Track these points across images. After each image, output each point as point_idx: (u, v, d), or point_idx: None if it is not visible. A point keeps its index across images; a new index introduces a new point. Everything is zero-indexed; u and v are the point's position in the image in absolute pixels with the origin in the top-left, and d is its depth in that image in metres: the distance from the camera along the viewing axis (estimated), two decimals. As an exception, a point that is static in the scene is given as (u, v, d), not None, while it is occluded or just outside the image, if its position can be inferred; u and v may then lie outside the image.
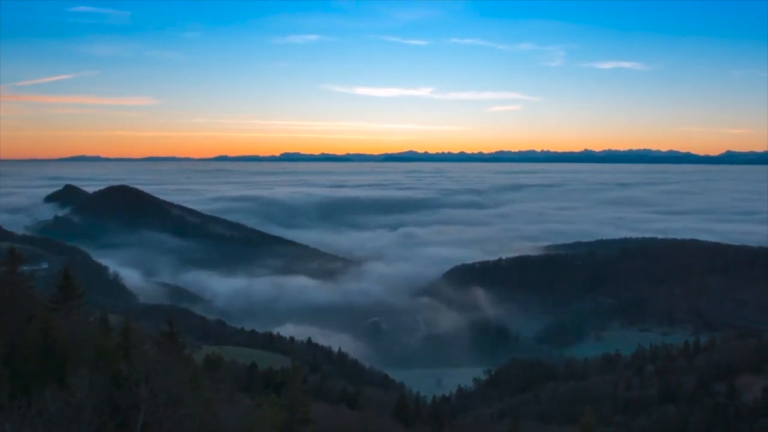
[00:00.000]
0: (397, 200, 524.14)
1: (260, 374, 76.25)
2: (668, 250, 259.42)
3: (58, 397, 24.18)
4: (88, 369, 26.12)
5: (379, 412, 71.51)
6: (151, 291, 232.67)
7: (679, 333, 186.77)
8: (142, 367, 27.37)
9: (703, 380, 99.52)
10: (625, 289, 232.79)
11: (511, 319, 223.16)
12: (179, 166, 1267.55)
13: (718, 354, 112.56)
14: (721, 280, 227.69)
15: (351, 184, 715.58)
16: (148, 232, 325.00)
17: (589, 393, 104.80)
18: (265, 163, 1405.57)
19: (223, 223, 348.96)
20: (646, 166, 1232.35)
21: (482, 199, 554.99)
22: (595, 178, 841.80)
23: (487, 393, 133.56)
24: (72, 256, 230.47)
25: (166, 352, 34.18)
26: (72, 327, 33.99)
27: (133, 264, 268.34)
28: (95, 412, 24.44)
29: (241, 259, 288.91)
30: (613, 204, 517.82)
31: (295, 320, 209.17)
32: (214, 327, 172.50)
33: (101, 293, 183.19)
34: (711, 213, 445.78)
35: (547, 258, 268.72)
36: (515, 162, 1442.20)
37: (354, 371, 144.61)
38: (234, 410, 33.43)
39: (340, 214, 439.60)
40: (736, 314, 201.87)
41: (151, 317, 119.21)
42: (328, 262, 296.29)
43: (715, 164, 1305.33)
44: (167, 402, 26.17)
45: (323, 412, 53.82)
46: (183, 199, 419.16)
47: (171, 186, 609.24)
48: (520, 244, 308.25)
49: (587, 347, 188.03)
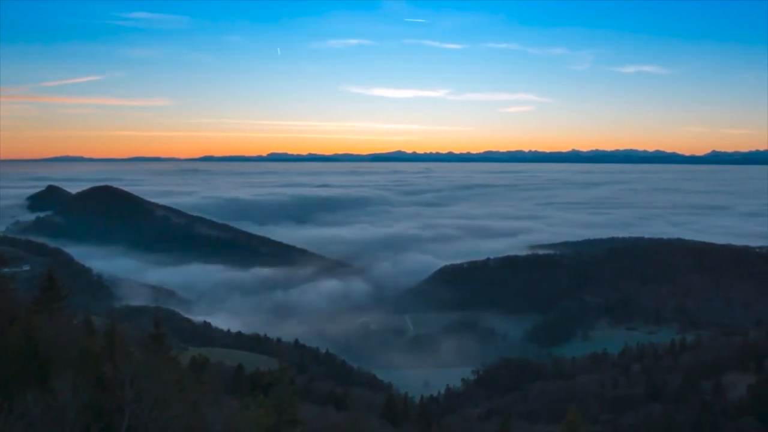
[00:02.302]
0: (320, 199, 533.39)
1: (247, 376, 75.59)
2: (654, 250, 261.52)
3: (41, 400, 23.59)
4: (72, 372, 25.63)
5: (367, 413, 71.19)
6: (136, 292, 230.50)
7: (666, 332, 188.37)
8: (126, 369, 26.84)
9: (689, 378, 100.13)
10: (611, 289, 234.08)
11: (499, 319, 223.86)
12: (164, 166, 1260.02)
13: (704, 352, 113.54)
14: (706, 279, 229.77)
15: (303, 183, 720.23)
16: (132, 232, 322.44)
17: (577, 392, 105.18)
18: (251, 163, 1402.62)
19: (209, 224, 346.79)
20: (627, 166, 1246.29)
21: (432, 198, 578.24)
22: (557, 176, 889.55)
23: (475, 393, 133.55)
24: (55, 257, 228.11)
25: (152, 354, 33.67)
26: (55, 329, 33.41)
27: (117, 265, 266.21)
28: (79, 416, 23.92)
29: (228, 260, 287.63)
30: (532, 202, 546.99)
31: (282, 321, 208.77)
32: (200, 328, 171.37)
33: (85, 295, 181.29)
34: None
35: (535, 258, 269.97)
36: (503, 162, 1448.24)
37: (342, 372, 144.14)
38: (221, 412, 32.99)
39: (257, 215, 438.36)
40: (722, 313, 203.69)
41: (136, 319, 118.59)
42: (316, 262, 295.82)
43: (701, 164, 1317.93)
44: (152, 405, 25.71)
45: (311, 414, 53.45)
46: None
47: (144, 187, 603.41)
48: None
49: (575, 346, 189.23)
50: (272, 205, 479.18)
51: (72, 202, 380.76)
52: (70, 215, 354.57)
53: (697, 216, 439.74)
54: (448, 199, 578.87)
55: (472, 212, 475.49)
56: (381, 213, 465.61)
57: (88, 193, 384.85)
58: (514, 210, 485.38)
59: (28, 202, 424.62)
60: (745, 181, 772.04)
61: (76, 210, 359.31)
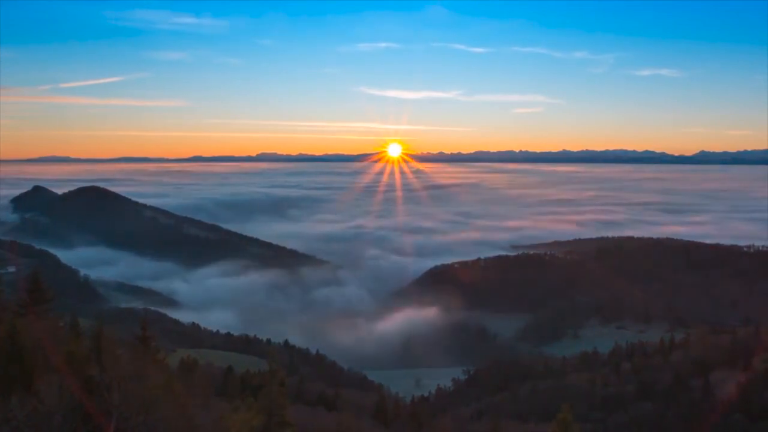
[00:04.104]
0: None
1: (237, 378, 75.09)
2: (644, 249, 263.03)
3: (26, 404, 23.34)
4: (58, 375, 25.31)
5: (357, 414, 70.99)
6: (124, 294, 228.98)
7: (655, 330, 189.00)
8: (114, 372, 26.47)
9: (678, 377, 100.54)
10: (601, 288, 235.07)
11: (489, 319, 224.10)
12: (152, 166, 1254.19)
13: (693, 350, 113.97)
14: (695, 277, 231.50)
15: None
16: (119, 233, 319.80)
17: (567, 391, 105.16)
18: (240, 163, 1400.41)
19: (198, 224, 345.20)
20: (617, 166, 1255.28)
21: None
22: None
23: (466, 393, 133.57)
24: (41, 259, 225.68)
25: (139, 356, 33.24)
26: (41, 332, 32.94)
27: (104, 266, 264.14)
28: (65, 420, 23.67)
29: (216, 261, 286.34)
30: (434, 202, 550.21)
31: (271, 322, 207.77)
32: (188, 330, 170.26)
33: (71, 297, 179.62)
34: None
35: (525, 257, 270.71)
36: (492, 162, 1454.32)
37: (332, 373, 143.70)
38: (210, 415, 32.60)
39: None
40: (710, 311, 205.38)
41: (123, 321, 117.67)
42: (307, 262, 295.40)
43: (689, 164, 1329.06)
44: (140, 408, 25.34)
45: (301, 415, 53.15)
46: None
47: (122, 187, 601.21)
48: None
49: (565, 346, 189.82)
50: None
51: (57, 203, 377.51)
52: (55, 216, 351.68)
53: (684, 215, 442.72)
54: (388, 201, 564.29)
55: (417, 214, 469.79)
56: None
57: (74, 194, 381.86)
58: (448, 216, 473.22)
59: (12, 204, 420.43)
60: (734, 180, 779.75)
61: (61, 211, 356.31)
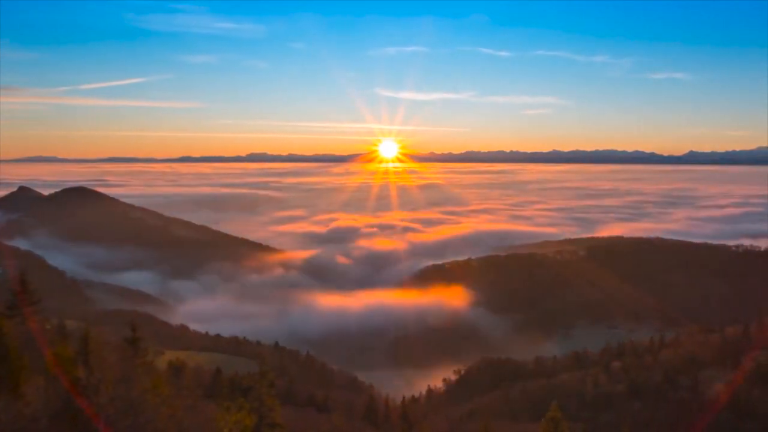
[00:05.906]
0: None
1: (226, 379, 74.66)
2: (634, 249, 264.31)
3: (12, 407, 23.02)
4: (44, 377, 25.02)
5: (348, 415, 70.82)
6: (111, 295, 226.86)
7: (645, 329, 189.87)
8: (101, 374, 26.16)
9: (668, 375, 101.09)
10: (592, 288, 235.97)
11: (480, 319, 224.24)
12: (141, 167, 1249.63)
13: (682, 350, 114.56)
14: (684, 277, 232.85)
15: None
16: (106, 234, 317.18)
17: (558, 390, 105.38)
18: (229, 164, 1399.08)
19: (187, 225, 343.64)
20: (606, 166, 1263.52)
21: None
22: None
23: (457, 393, 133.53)
24: (27, 260, 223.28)
25: (127, 358, 32.90)
26: (27, 334, 32.62)
27: (91, 268, 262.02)
28: (51, 422, 23.35)
29: (205, 261, 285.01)
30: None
31: (260, 323, 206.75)
32: (177, 332, 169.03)
33: (58, 299, 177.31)
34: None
35: (516, 257, 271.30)
36: (483, 162, 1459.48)
37: (322, 374, 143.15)
38: (198, 417, 32.29)
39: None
40: (700, 310, 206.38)
41: (111, 323, 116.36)
42: (297, 262, 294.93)
43: (678, 164, 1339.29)
44: (127, 410, 25.04)
45: (291, 417, 52.90)
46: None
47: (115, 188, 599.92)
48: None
49: (556, 345, 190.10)
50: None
51: (43, 204, 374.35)
52: (42, 217, 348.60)
53: (674, 214, 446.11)
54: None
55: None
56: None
57: (61, 194, 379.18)
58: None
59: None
60: (724, 180, 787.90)
61: (47, 212, 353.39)
